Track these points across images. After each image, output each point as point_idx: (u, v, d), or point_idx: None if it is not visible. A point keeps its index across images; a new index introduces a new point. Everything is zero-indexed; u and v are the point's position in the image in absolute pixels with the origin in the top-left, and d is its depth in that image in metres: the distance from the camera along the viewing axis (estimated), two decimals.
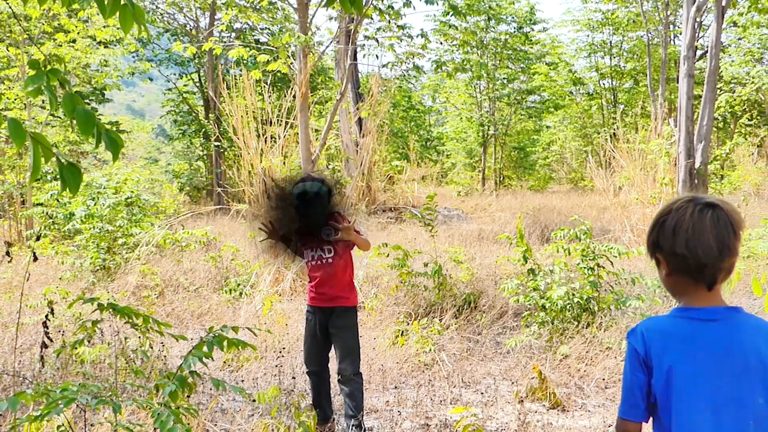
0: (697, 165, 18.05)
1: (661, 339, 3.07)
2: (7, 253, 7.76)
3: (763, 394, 2.99)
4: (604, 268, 10.26)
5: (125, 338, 9.01)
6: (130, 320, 5.46)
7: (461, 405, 7.77)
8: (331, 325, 6.95)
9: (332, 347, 7.11)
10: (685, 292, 3.10)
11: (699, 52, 33.82)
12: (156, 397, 5.25)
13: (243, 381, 8.64)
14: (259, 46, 17.95)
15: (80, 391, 4.67)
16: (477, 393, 8.37)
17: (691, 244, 2.99)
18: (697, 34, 23.04)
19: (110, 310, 5.37)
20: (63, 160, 3.20)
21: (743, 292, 12.80)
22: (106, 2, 3.35)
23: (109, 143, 3.30)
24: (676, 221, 3.06)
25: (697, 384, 2.98)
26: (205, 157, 38.11)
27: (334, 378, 7.33)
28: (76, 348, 7.92)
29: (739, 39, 38.03)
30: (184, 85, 40.10)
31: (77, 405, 5.50)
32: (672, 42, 37.75)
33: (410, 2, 15.92)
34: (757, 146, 35.71)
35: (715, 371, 2.98)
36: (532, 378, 8.12)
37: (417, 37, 17.06)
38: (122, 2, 3.38)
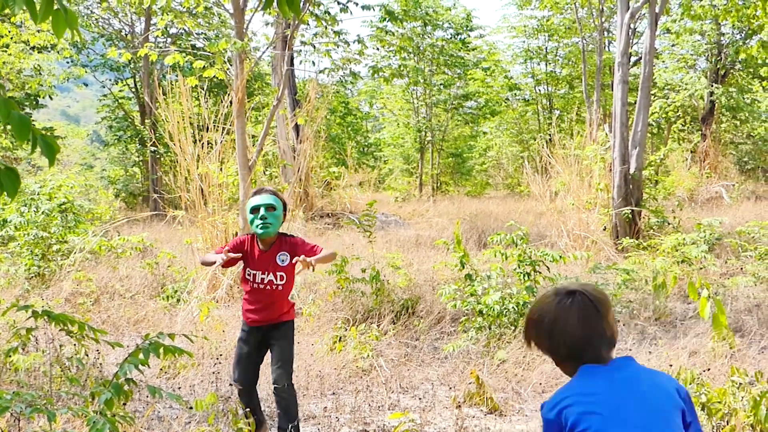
0: (631, 170, 18.21)
1: (569, 395, 3.14)
2: None
3: (678, 415, 3.06)
4: (540, 273, 10.34)
5: (60, 346, 8.93)
6: (66, 327, 5.42)
7: (399, 410, 7.79)
8: (272, 338, 6.90)
9: (262, 361, 7.09)
10: (579, 371, 3.20)
11: (633, 59, 34.11)
12: (92, 405, 5.22)
13: (180, 388, 8.59)
14: (195, 51, 17.87)
15: (14, 399, 4.62)
16: (415, 398, 8.39)
17: (558, 337, 3.14)
18: (631, 41, 23.26)
19: (45, 317, 5.32)
20: (0, 165, 3.17)
21: (678, 296, 12.94)
22: (38, 7, 3.31)
23: (44, 148, 3.27)
24: (540, 316, 3.21)
25: (612, 421, 3.02)
26: (141, 163, 37.81)
27: (264, 388, 7.32)
28: (10, 356, 7.85)
29: (673, 45, 38.43)
30: (120, 91, 39.72)
31: (11, 413, 5.44)
32: (607, 48, 38.03)
33: (347, 8, 15.94)
34: (691, 152, 36.10)
35: (625, 412, 3.05)
36: (470, 383, 8.16)
37: (354, 42, 17.07)
38: (55, 7, 3.35)
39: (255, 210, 6.82)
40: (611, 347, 3.16)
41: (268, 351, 7.04)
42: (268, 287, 6.86)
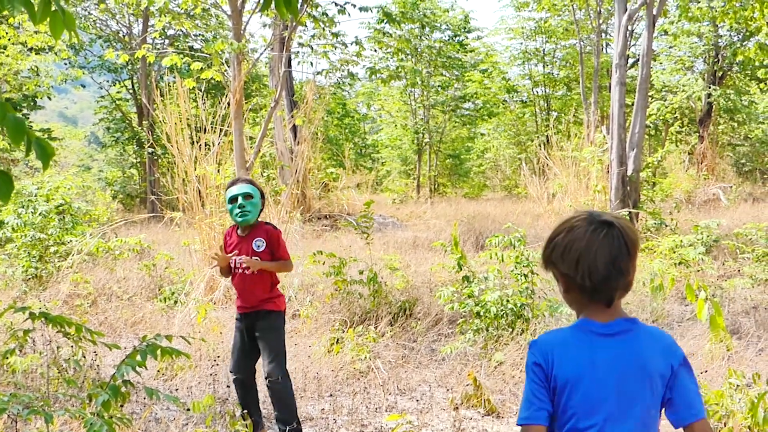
0: (629, 172, 18.20)
1: (562, 351, 3.07)
2: None
3: (654, 405, 3.03)
4: (537, 275, 10.32)
5: (57, 347, 8.93)
6: (63, 329, 5.41)
7: (397, 412, 7.79)
8: (257, 329, 7.01)
9: (259, 354, 7.14)
10: (582, 308, 3.14)
11: (631, 61, 34.13)
12: (89, 407, 5.21)
13: (177, 390, 8.59)
14: (192, 52, 17.86)
15: (11, 401, 4.62)
16: (412, 400, 8.39)
17: (583, 264, 3.00)
18: (628, 43, 23.31)
19: (42, 319, 5.32)
20: None
21: (676, 297, 12.94)
22: (36, 8, 3.31)
23: (39, 152, 3.25)
24: (568, 240, 3.07)
25: (594, 398, 2.99)
26: (138, 164, 37.81)
27: (261, 389, 7.35)
28: (7, 357, 7.84)
29: (670, 47, 38.45)
30: (117, 92, 39.71)
31: (8, 415, 5.44)
32: (604, 50, 38.04)
33: (344, 9, 15.92)
34: (689, 153, 36.14)
35: (613, 386, 3.01)
36: (467, 385, 8.15)
37: (351, 44, 17.07)
38: (53, 8, 3.34)
39: (233, 200, 7.07)
40: (626, 292, 3.09)
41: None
42: (246, 271, 7.05)
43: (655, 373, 3.02)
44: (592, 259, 2.98)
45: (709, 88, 35.55)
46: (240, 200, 6.99)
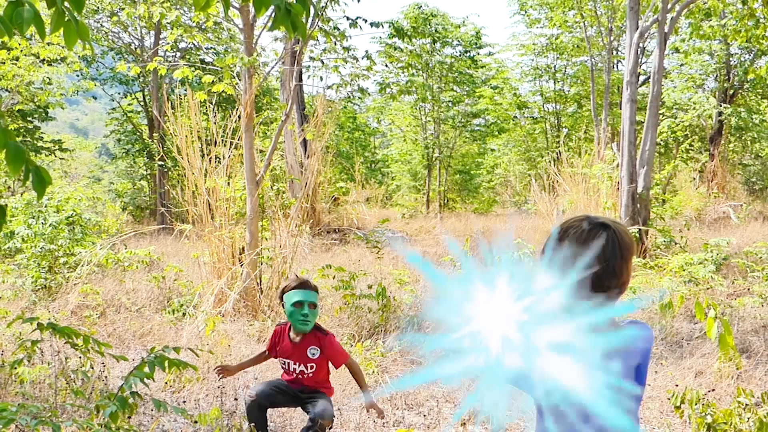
0: (639, 190, 18.17)
1: None
2: None
3: None
4: None
5: (66, 358, 8.93)
6: (71, 340, 5.41)
7: (404, 427, 7.77)
8: (308, 398, 6.99)
9: (284, 404, 7.18)
10: None
11: (642, 78, 34.09)
12: (96, 418, 5.21)
13: (185, 402, 8.58)
14: (204, 65, 17.88)
15: (19, 411, 4.62)
16: (420, 415, 8.36)
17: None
18: (640, 60, 23.25)
19: (50, 329, 5.32)
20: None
21: (685, 315, 12.90)
22: (48, 22, 3.32)
23: (36, 181, 3.26)
24: (565, 240, 3.13)
25: None
26: (148, 176, 37.85)
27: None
28: (15, 368, 7.85)
29: (681, 65, 38.38)
30: (129, 104, 39.82)
31: (16, 425, 5.44)
32: (615, 68, 38.03)
33: (356, 23, 15.94)
34: (699, 171, 36.05)
35: None
36: None
37: (362, 58, 17.09)
38: (66, 18, 3.35)
39: (298, 304, 6.94)
40: (621, 293, 3.16)
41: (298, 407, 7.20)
42: (300, 376, 7.03)
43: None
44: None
45: (720, 106, 35.49)
46: (305, 309, 6.92)
